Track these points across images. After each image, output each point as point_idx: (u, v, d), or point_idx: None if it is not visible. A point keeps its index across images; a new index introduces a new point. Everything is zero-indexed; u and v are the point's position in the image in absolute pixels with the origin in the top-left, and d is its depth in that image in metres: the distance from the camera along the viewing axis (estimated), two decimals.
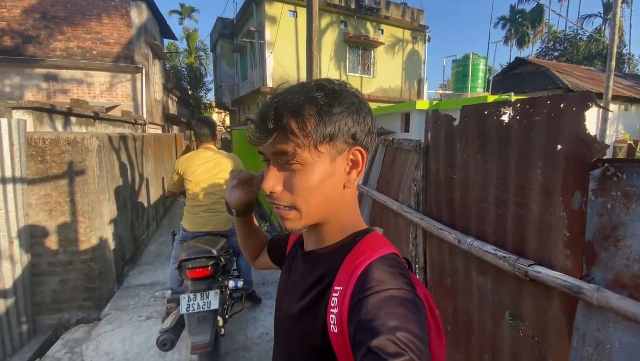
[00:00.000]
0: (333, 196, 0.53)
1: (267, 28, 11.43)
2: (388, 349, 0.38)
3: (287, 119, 0.47)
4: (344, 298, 0.47)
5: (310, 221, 0.53)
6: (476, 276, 1.35)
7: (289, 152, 0.48)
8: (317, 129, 0.48)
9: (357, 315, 0.44)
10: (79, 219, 3.00)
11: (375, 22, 13.40)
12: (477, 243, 1.21)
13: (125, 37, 9.29)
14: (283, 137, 0.48)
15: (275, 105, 0.49)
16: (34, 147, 2.81)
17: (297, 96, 0.48)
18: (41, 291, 3.00)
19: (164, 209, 6.27)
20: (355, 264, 0.49)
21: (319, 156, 0.49)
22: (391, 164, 2.07)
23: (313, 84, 0.50)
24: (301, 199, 0.50)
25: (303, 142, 0.48)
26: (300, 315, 0.55)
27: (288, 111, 0.47)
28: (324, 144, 0.49)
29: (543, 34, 27.24)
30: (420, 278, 1.76)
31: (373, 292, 0.44)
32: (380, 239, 0.55)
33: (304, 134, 0.47)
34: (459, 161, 1.32)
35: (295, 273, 0.62)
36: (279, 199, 0.51)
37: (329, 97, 0.49)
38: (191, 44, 23.60)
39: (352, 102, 0.51)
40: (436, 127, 1.45)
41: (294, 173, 0.50)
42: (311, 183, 0.50)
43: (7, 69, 8.44)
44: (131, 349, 2.43)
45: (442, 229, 1.36)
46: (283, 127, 0.47)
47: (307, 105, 0.48)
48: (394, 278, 0.47)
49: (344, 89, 0.52)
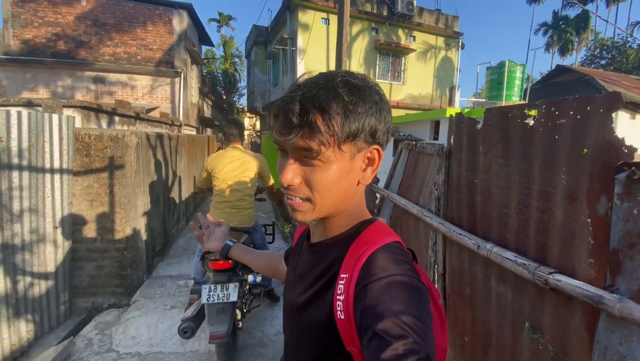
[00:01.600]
0: (347, 192, 0.53)
1: (300, 35, 11.68)
2: (392, 331, 0.39)
3: (313, 116, 0.46)
4: (350, 285, 0.48)
5: (322, 214, 0.53)
6: (496, 284, 1.31)
7: (312, 149, 0.48)
8: (342, 128, 0.47)
9: (363, 301, 0.44)
10: (116, 210, 3.22)
11: (407, 29, 13.28)
12: (496, 250, 1.18)
13: (167, 44, 9.87)
14: (308, 133, 0.47)
15: (299, 98, 0.47)
16: (80, 141, 3.06)
17: (322, 92, 0.47)
18: (79, 275, 3.23)
19: (194, 206, 6.54)
20: (360, 253, 0.50)
21: (341, 155, 0.49)
22: (414, 168, 2.05)
23: (338, 79, 0.49)
24: (318, 194, 0.51)
25: (328, 141, 0.47)
26: (308, 304, 0.56)
27: (314, 107, 0.46)
28: (347, 143, 0.49)
29: (589, 41, 25.70)
30: (439, 285, 1.73)
31: (378, 278, 0.45)
32: (384, 228, 0.57)
33: (329, 133, 0.47)
34: (481, 165, 1.29)
35: (302, 264, 0.64)
36: (295, 192, 0.52)
37: (354, 94, 0.48)
38: (227, 50, 24.60)
39: (376, 101, 0.51)
40: (459, 130, 1.43)
41: (314, 169, 0.50)
42: (330, 179, 0.50)
43: (60, 71, 9.24)
44: (155, 335, 2.56)
45: (462, 235, 1.33)
46: (309, 124, 0.46)
47: (334, 102, 0.47)
48: (398, 264, 0.48)
49: (367, 85, 0.51)
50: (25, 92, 8.96)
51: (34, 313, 2.76)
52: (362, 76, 0.53)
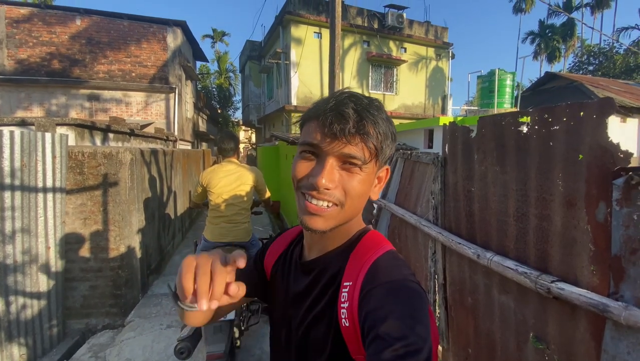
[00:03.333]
0: (364, 203, 0.57)
1: (293, 49, 11.85)
2: (394, 333, 0.41)
3: (369, 126, 0.49)
4: (354, 292, 0.50)
5: (341, 222, 0.55)
6: (498, 294, 1.28)
7: (363, 157, 0.50)
8: (383, 144, 0.52)
9: (367, 305, 0.46)
10: (110, 228, 3.17)
11: (398, 41, 13.55)
12: (497, 258, 1.16)
13: (161, 60, 9.94)
14: (364, 141, 0.49)
15: (354, 107, 0.49)
16: (73, 159, 3.03)
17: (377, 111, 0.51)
18: (72, 296, 3.15)
19: (190, 221, 6.47)
20: (363, 260, 0.53)
21: (372, 169, 0.53)
22: (410, 177, 2.05)
23: (376, 103, 0.53)
24: (351, 200, 0.53)
25: (372, 154, 0.51)
26: (312, 321, 0.57)
27: (370, 118, 0.49)
28: (379, 159, 0.53)
29: (575, 48, 26.31)
30: (440, 296, 1.70)
31: (381, 282, 0.48)
32: (379, 237, 0.60)
33: (377, 145, 0.50)
34: (477, 173, 1.29)
35: (297, 283, 0.63)
36: (328, 195, 0.51)
37: (388, 120, 0.53)
38: (221, 65, 24.85)
39: (394, 132, 0.55)
40: (453, 138, 1.43)
41: (353, 176, 0.51)
42: (364, 189, 0.53)
43: (54, 90, 9.24)
44: (151, 356, 2.48)
45: (461, 244, 1.32)
46: (366, 132, 0.49)
47: (381, 119, 0.51)
48: (400, 270, 0.51)
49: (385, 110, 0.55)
50: (19, 111, 8.93)
51: (26, 337, 2.68)
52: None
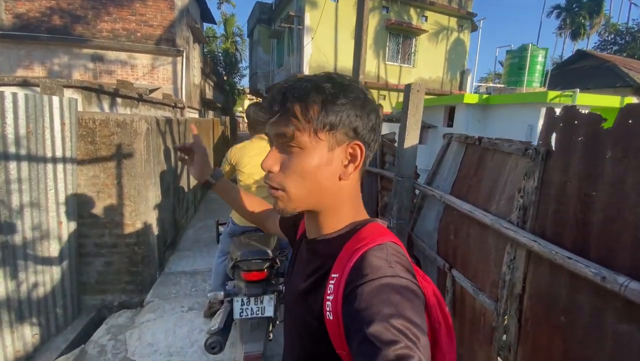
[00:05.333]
0: (327, 185, 0.53)
1: (307, 13, 11.12)
2: (383, 336, 0.38)
3: (291, 103, 0.49)
4: (340, 286, 0.47)
5: (299, 205, 0.54)
6: (614, 321, 1.06)
7: (288, 134, 0.49)
8: (318, 116, 0.48)
9: (352, 303, 0.43)
10: (125, 202, 2.95)
11: (419, 9, 12.69)
12: (634, 285, 0.92)
13: (168, 20, 9.32)
14: (285, 119, 0.49)
15: (284, 89, 0.50)
16: (84, 127, 2.76)
17: (305, 84, 0.50)
18: (87, 272, 3.00)
19: (202, 193, 6.28)
20: (352, 252, 0.50)
21: (317, 142, 0.50)
22: (477, 166, 1.77)
23: (323, 75, 0.52)
24: (291, 181, 0.51)
25: (303, 126, 0.49)
26: (299, 301, 0.57)
27: (294, 96, 0.49)
28: (324, 132, 0.50)
29: (600, 26, 24.89)
30: (514, 306, 1.49)
31: (368, 280, 0.44)
32: (380, 229, 0.55)
33: (305, 119, 0.48)
34: (607, 175, 1.02)
35: (300, 257, 0.63)
36: (271, 180, 0.53)
37: (335, 88, 0.50)
38: (228, 29, 23.69)
39: (358, 97, 0.51)
40: (569, 127, 1.14)
41: (292, 155, 0.51)
42: (305, 167, 0.50)
43: (56, 48, 8.74)
44: (174, 342, 2.35)
45: (573, 260, 1.08)
46: (287, 110, 0.49)
47: (313, 92, 0.49)
48: (390, 266, 0.47)
49: (352, 84, 0.52)
50: (20, 69, 8.49)
51: (39, 315, 2.54)
52: (351, 78, 0.54)
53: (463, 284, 1.79)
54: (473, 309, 1.78)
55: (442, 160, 2.26)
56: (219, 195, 0.98)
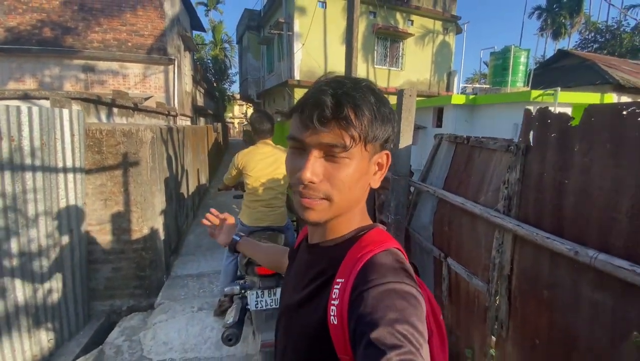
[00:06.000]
0: (360, 193, 0.54)
1: (296, 19, 11.31)
2: (387, 341, 0.38)
3: (348, 110, 0.47)
4: (345, 291, 0.47)
5: (335, 214, 0.53)
6: (590, 291, 1.23)
7: (344, 144, 0.47)
8: (370, 128, 0.48)
9: (358, 308, 0.44)
10: (132, 209, 3.05)
11: (405, 13, 13.01)
12: (602, 257, 1.10)
13: (159, 29, 9.40)
14: (343, 127, 0.47)
15: (332, 93, 0.47)
16: (91, 137, 2.86)
17: (353, 91, 0.48)
18: (95, 278, 3.09)
19: (199, 199, 6.37)
20: (358, 258, 0.50)
21: (364, 153, 0.50)
22: (466, 163, 1.95)
23: (364, 84, 0.51)
24: (339, 192, 0.50)
25: (358, 137, 0.48)
26: (301, 305, 0.56)
27: (349, 102, 0.47)
28: (371, 143, 0.50)
29: (580, 25, 25.72)
30: (503, 286, 1.66)
31: (374, 285, 0.45)
32: (383, 234, 0.56)
33: (361, 128, 0.47)
34: (577, 165, 1.19)
35: (300, 264, 0.63)
36: (314, 190, 0.50)
37: (379, 100, 0.50)
38: (216, 36, 23.79)
39: (392, 111, 0.53)
40: (543, 126, 1.32)
41: (339, 165, 0.49)
42: (353, 177, 0.50)
43: (47, 60, 8.73)
44: (188, 340, 2.46)
45: (550, 239, 1.25)
46: (344, 118, 0.47)
47: (365, 101, 0.48)
48: (396, 272, 0.47)
49: (384, 96, 0.53)
50: (11, 82, 8.46)
51: (53, 321, 2.63)
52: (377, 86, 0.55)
53: (458, 270, 1.96)
54: (467, 293, 1.95)
55: (434, 158, 2.44)
56: (242, 251, 1.06)
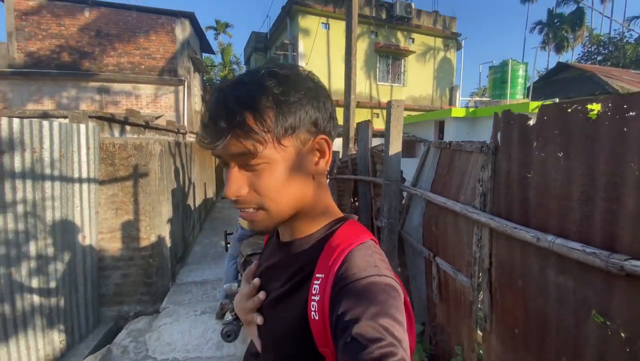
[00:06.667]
0: (304, 190, 0.50)
1: (300, 40, 11.78)
2: (369, 334, 0.38)
3: (241, 115, 0.43)
4: (326, 286, 0.46)
5: (281, 219, 0.51)
6: (555, 275, 1.33)
7: (250, 152, 0.44)
8: (277, 122, 0.44)
9: (340, 303, 0.43)
10: (141, 218, 3.23)
11: (406, 32, 13.43)
12: (559, 241, 1.21)
13: (170, 52, 9.91)
14: (241, 135, 0.43)
15: (225, 100, 0.44)
16: (105, 150, 3.09)
17: (248, 87, 0.45)
18: (105, 284, 3.24)
19: (206, 212, 6.55)
20: (337, 252, 0.48)
21: (284, 150, 0.46)
22: (448, 166, 2.08)
23: (262, 72, 0.46)
24: (270, 200, 0.47)
25: (264, 138, 0.44)
26: (279, 302, 0.54)
27: (242, 105, 0.43)
28: (287, 137, 0.46)
29: (584, 38, 25.97)
30: (484, 280, 1.75)
31: (355, 279, 0.44)
32: (357, 226, 0.55)
33: (263, 129, 0.43)
34: (535, 160, 1.32)
35: (273, 261, 0.60)
36: (245, 203, 0.48)
37: (283, 84, 0.45)
38: (225, 58, 24.70)
39: (309, 88, 0.48)
40: (508, 126, 1.46)
41: (260, 173, 0.46)
42: (280, 180, 0.47)
43: (65, 83, 9.25)
44: (190, 341, 2.56)
45: (517, 229, 1.36)
46: (239, 125, 0.43)
47: (262, 96, 0.43)
48: (375, 265, 0.47)
49: (296, 72, 0.49)
50: (30, 104, 8.96)
51: (65, 323, 2.77)
52: (291, 65, 0.51)
53: (445, 268, 2.06)
54: (455, 290, 2.04)
55: (423, 164, 2.57)
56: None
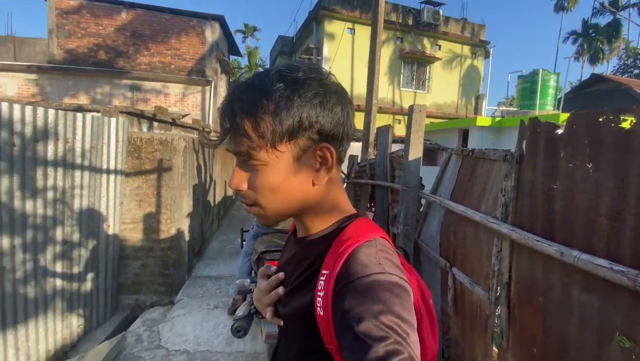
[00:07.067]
0: (299, 194, 0.51)
1: (325, 45, 11.87)
2: (373, 333, 0.38)
3: (240, 119, 0.45)
4: (330, 282, 0.47)
5: (279, 217, 0.53)
6: (578, 293, 1.26)
7: (245, 152, 0.47)
8: (272, 128, 0.45)
9: (342, 301, 0.43)
10: (162, 210, 3.34)
11: (432, 38, 13.25)
12: (585, 257, 1.14)
13: (199, 54, 10.24)
14: (238, 137, 0.46)
15: (231, 102, 0.47)
16: (132, 144, 3.21)
17: (252, 91, 0.46)
18: (125, 273, 3.35)
19: (225, 210, 6.68)
20: (342, 249, 0.48)
21: (278, 156, 0.47)
22: (470, 174, 2.03)
23: (275, 72, 0.46)
24: (263, 198, 0.50)
25: (257, 143, 0.45)
26: (290, 295, 0.56)
27: (241, 110, 0.45)
28: (284, 143, 0.46)
29: (620, 50, 24.77)
30: (503, 294, 1.69)
31: (358, 277, 0.44)
32: (368, 224, 0.54)
33: (257, 135, 0.45)
34: (563, 171, 1.26)
35: (288, 256, 0.63)
36: (244, 197, 0.51)
37: (289, 88, 0.45)
38: (252, 60, 25.25)
39: (316, 94, 0.46)
40: (534, 135, 1.41)
41: (256, 172, 0.48)
42: (272, 182, 0.48)
43: (100, 79, 9.74)
44: (201, 334, 2.61)
45: (540, 242, 1.30)
46: (237, 128, 0.45)
47: (263, 100, 0.45)
48: (379, 262, 0.46)
49: (309, 76, 0.47)
50: (66, 98, 9.48)
51: (84, 308, 2.88)
52: (310, 66, 0.49)
53: (462, 280, 2.00)
54: (471, 303, 1.97)
55: (444, 171, 2.52)
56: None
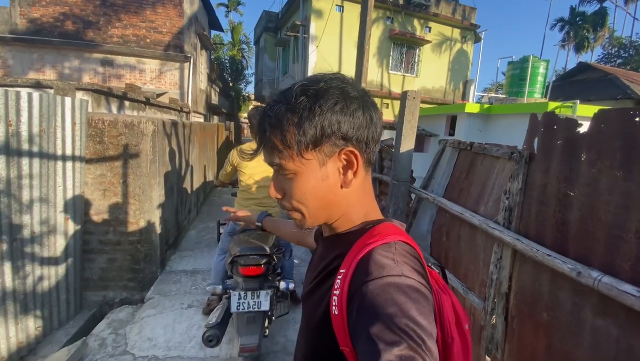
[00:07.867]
0: (331, 198, 0.53)
1: (313, 22, 11.32)
2: (386, 337, 0.37)
3: (269, 133, 0.50)
4: (345, 281, 0.47)
5: (316, 221, 0.55)
6: (592, 317, 1.11)
7: (276, 162, 0.51)
8: (297, 139, 0.48)
9: (357, 301, 0.43)
10: (130, 201, 3.04)
11: (423, 20, 12.86)
12: (607, 280, 0.98)
13: (177, 27, 9.54)
14: (269, 150, 0.51)
15: (263, 118, 0.52)
16: (93, 127, 2.86)
17: (279, 106, 0.49)
18: (90, 268, 3.08)
19: (204, 196, 6.37)
20: (359, 249, 0.49)
21: (305, 164, 0.50)
22: (467, 170, 1.84)
23: (297, 87, 0.50)
24: (299, 204, 0.53)
25: (286, 154, 0.49)
26: (310, 295, 0.58)
27: (270, 125, 0.50)
28: (310, 151, 0.49)
29: (604, 39, 25.03)
30: (500, 304, 1.54)
31: (373, 278, 0.43)
32: (392, 228, 0.54)
33: (284, 146, 0.49)
34: (583, 176, 1.08)
35: (315, 255, 0.66)
36: (283, 205, 0.56)
37: (311, 99, 0.48)
38: (235, 36, 24.07)
39: (337, 101, 0.49)
40: (549, 132, 1.21)
41: (289, 181, 0.52)
42: (304, 189, 0.51)
43: (67, 52, 8.96)
44: (173, 337, 2.40)
45: (552, 257, 1.14)
46: (267, 141, 0.50)
47: (287, 114, 0.48)
48: (396, 265, 0.45)
49: (330, 86, 0.50)
50: (31, 72, 8.71)
51: (42, 308, 2.61)
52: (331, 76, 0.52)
53: (454, 285, 1.85)
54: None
55: (437, 165, 2.33)
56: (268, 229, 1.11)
